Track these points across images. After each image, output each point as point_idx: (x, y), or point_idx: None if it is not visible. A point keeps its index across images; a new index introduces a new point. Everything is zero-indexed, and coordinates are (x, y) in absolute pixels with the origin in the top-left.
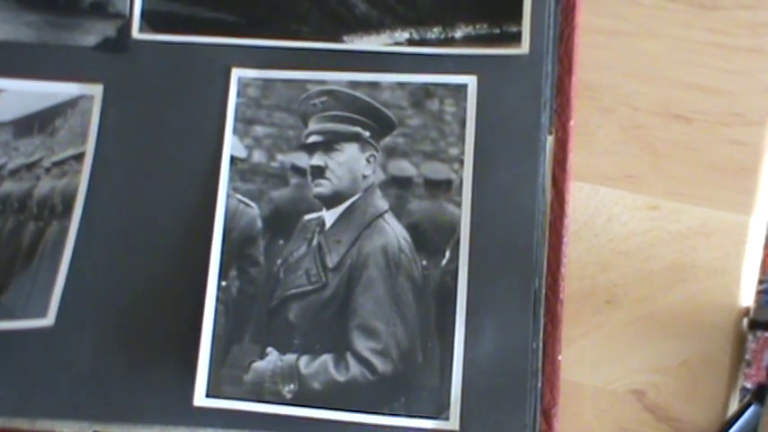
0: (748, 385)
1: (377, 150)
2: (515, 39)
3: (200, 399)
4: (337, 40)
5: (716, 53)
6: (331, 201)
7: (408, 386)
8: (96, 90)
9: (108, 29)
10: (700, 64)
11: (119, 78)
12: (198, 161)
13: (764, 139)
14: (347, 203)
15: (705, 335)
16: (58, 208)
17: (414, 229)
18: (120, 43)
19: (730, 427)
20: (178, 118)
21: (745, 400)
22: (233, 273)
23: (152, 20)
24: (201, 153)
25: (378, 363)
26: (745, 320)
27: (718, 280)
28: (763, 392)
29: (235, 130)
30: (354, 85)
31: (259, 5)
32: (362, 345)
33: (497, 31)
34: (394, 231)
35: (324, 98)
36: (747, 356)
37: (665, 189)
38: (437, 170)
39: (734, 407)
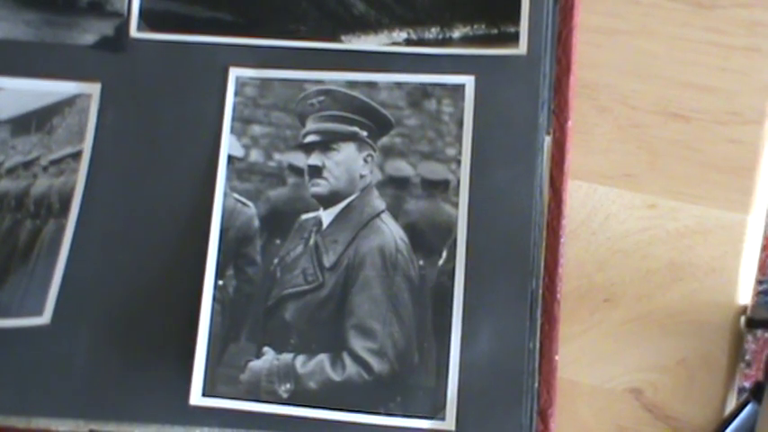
0: (747, 385)
1: (374, 150)
2: (513, 39)
3: (196, 398)
4: (335, 39)
5: (714, 52)
6: (328, 200)
7: (405, 386)
8: (94, 89)
9: (106, 28)
10: (697, 63)
11: (116, 77)
12: (195, 160)
13: (762, 138)
14: (344, 203)
15: (703, 333)
16: (55, 206)
17: (411, 229)
18: (117, 42)
19: (728, 425)
20: (175, 117)
21: (743, 398)
22: (230, 272)
23: (150, 19)
24: (199, 152)
25: (374, 362)
26: (743, 319)
27: (715, 278)
28: (761, 390)
29: (232, 130)
30: (352, 84)
31: (257, 5)
32: (359, 344)
33: (495, 31)
34: (391, 231)
35: (321, 98)
36: (747, 357)
37: (663, 188)
38: (434, 170)
39: (731, 405)
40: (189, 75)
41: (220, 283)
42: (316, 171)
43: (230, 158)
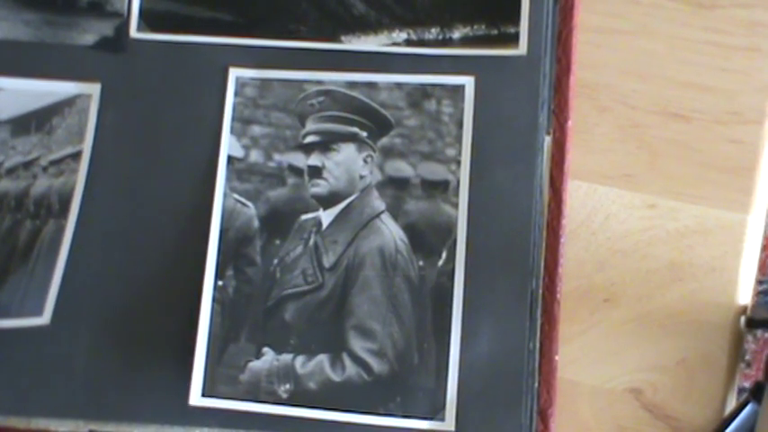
0: (747, 385)
1: (374, 151)
2: (513, 39)
3: (195, 398)
4: (335, 40)
5: (713, 52)
6: (328, 201)
7: (404, 386)
8: (94, 89)
9: (106, 28)
10: (697, 63)
11: (116, 77)
12: (195, 160)
13: (762, 138)
14: (344, 204)
15: (703, 333)
16: (55, 207)
17: (410, 230)
18: (117, 42)
19: (727, 425)
20: (175, 117)
21: (743, 398)
22: (229, 272)
23: (150, 19)
24: (199, 152)
25: (374, 363)
26: (743, 319)
27: (715, 278)
28: (761, 390)
29: (232, 130)
30: (352, 85)
31: (257, 5)
32: (358, 345)
33: (495, 31)
34: (390, 232)
35: (321, 98)
36: (747, 357)
37: (663, 188)
38: (434, 171)
39: (731, 405)
40: (189, 75)
41: (220, 283)
42: (315, 171)
43: (230, 159)
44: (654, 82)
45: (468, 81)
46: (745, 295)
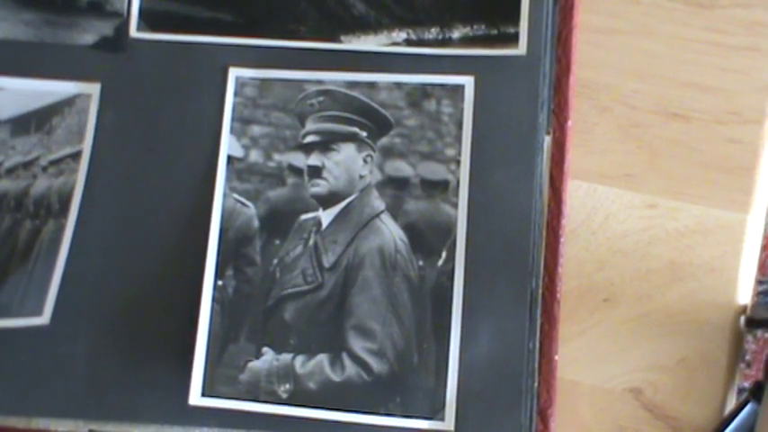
0: (747, 385)
1: (374, 150)
2: (513, 39)
3: (195, 398)
4: (335, 40)
5: (713, 52)
6: (328, 201)
7: (404, 386)
8: (93, 89)
9: (105, 28)
10: (697, 63)
11: (116, 77)
12: (195, 160)
13: (762, 138)
14: (344, 203)
15: (702, 333)
16: (55, 206)
17: (410, 230)
18: (117, 42)
19: (727, 425)
20: (175, 117)
21: (743, 398)
22: (229, 272)
23: (149, 19)
24: (198, 152)
25: (373, 363)
26: (743, 318)
27: (715, 278)
28: (761, 390)
29: (232, 130)
30: (352, 85)
31: (257, 5)
32: (358, 345)
33: (495, 31)
34: (390, 232)
35: (321, 98)
36: (747, 357)
37: (663, 187)
38: (434, 171)
39: (731, 405)
40: (189, 75)
41: (220, 283)
42: (315, 171)
43: (230, 159)
44: (654, 82)
45: (467, 81)
46: (745, 295)
